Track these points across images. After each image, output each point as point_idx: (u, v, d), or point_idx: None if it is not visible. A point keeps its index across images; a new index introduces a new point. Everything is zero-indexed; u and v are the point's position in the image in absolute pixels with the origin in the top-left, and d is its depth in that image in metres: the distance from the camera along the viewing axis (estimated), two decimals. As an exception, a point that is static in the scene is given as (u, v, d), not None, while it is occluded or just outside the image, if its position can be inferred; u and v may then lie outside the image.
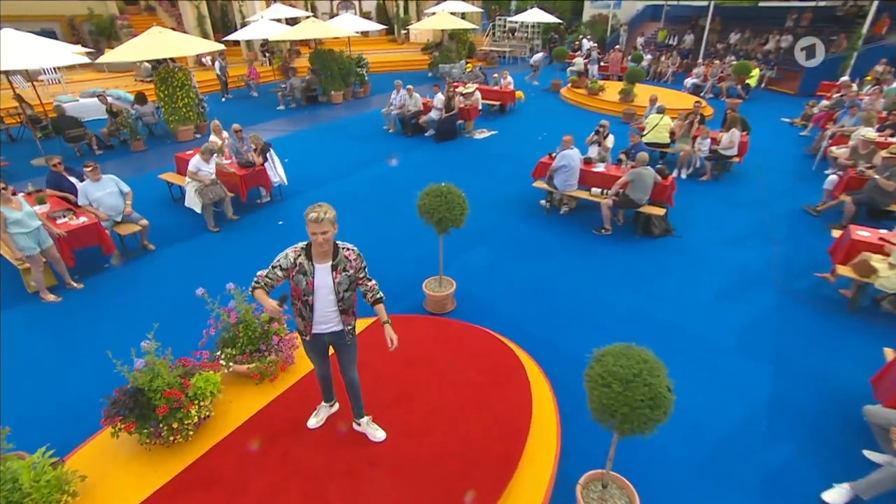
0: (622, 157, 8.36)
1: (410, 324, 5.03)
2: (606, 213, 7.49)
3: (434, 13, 20.85)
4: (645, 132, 9.79)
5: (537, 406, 4.07)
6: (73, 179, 7.25)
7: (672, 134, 9.86)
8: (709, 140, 9.45)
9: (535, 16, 22.64)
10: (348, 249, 3.12)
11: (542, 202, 8.61)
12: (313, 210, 2.86)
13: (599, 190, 7.83)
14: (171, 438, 3.46)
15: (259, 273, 3.09)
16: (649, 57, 19.60)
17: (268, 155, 8.26)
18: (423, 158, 11.27)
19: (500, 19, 27.79)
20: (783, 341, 5.22)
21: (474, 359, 4.50)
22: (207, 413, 3.67)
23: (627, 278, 6.38)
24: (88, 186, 6.67)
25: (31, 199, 6.72)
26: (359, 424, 3.76)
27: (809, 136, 12.16)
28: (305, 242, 3.07)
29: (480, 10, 26.77)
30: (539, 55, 19.44)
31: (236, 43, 23.46)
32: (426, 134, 12.88)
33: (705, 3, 19.90)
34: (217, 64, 17.19)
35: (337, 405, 3.99)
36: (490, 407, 3.96)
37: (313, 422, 3.84)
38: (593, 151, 8.70)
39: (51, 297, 5.94)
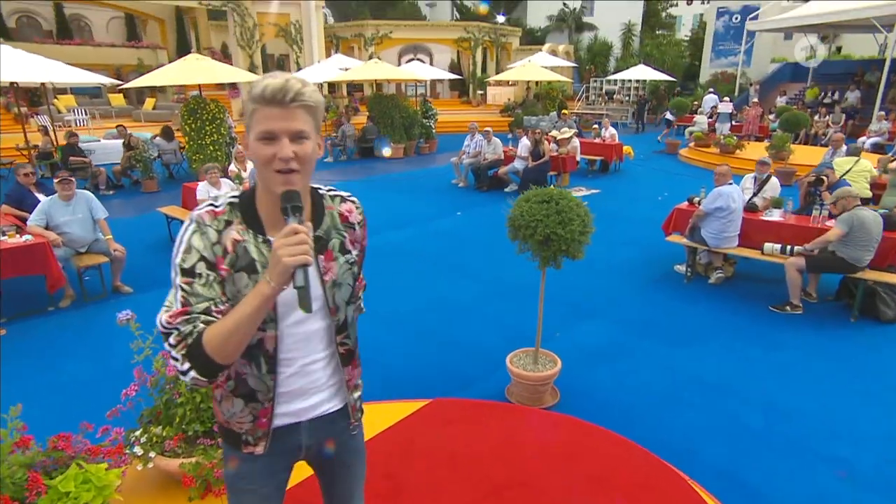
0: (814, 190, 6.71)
1: (491, 416, 3.38)
2: (795, 279, 5.68)
3: (522, 65, 20.85)
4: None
5: None
6: (40, 196, 6.52)
7: (876, 186, 8.05)
8: (941, 193, 7.54)
9: (641, 73, 22.23)
10: (345, 200, 1.61)
11: (679, 267, 6.95)
12: (270, 77, 1.33)
13: (777, 246, 6.09)
14: None
15: (166, 318, 1.37)
16: (798, 116, 18.24)
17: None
18: (502, 215, 10.09)
19: (595, 80, 27.77)
20: None
21: (613, 490, 2.74)
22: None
23: (857, 384, 4.46)
24: (54, 206, 5.82)
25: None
26: None
27: None
28: (237, 193, 1.49)
29: (573, 65, 26.92)
30: (668, 113, 18.83)
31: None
32: (507, 189, 11.81)
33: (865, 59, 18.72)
34: None
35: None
36: None
37: None
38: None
39: (-45, 344, 4.84)
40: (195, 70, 11.30)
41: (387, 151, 15.59)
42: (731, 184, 6.30)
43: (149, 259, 7.23)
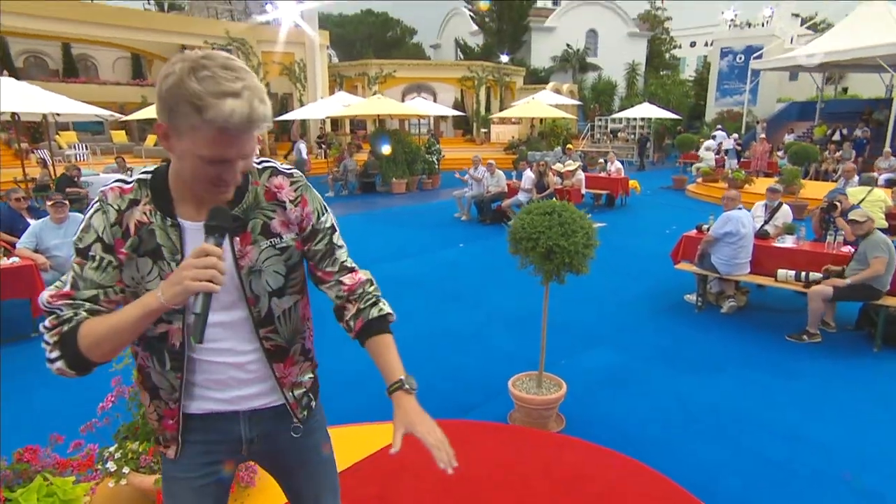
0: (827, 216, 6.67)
1: (490, 438, 3.24)
2: (818, 309, 5.53)
3: (526, 103, 21.21)
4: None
5: None
6: (31, 222, 6.51)
7: (891, 216, 7.99)
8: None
9: (646, 111, 22.55)
10: (277, 174, 1.42)
11: (690, 297, 6.83)
12: (229, 93, 1.12)
13: (792, 273, 5.98)
14: None
15: (47, 296, 1.27)
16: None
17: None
18: (504, 247, 10.06)
19: (600, 119, 28.18)
20: None
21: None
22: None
23: (883, 413, 4.30)
24: (45, 229, 5.82)
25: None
26: None
27: None
28: (150, 169, 1.37)
29: (577, 102, 27.37)
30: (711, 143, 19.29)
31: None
32: (510, 222, 11.77)
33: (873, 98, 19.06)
34: (296, 147, 17.59)
35: None
36: None
37: None
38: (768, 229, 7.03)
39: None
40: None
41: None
42: (740, 208, 6.26)
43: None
